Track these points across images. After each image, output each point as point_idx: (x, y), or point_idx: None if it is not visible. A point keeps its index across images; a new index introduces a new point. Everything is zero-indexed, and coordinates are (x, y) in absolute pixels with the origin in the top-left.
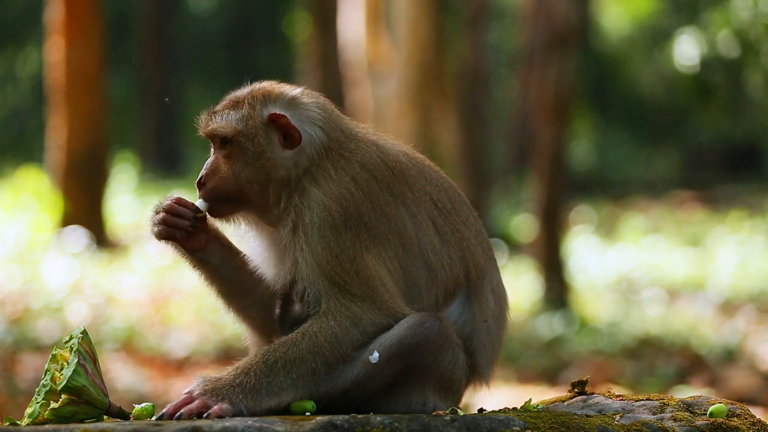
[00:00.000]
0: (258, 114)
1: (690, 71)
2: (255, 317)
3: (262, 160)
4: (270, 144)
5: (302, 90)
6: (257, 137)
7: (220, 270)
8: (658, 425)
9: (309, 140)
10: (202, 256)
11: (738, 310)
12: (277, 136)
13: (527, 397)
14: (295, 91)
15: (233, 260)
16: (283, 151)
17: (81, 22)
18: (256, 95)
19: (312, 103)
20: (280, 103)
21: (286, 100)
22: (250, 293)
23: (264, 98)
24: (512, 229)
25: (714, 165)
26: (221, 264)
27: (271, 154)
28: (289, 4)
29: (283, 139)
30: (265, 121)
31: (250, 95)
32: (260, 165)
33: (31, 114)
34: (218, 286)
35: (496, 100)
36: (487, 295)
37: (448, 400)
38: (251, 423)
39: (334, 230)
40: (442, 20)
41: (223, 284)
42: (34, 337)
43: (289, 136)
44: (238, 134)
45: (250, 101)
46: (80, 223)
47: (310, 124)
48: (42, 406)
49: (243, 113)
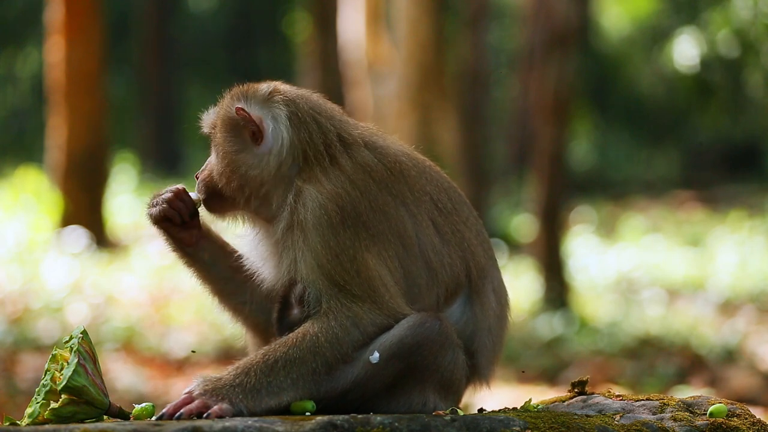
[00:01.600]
0: (229, 109)
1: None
2: (249, 317)
3: (231, 156)
4: (240, 140)
5: (289, 88)
6: (228, 133)
7: (212, 268)
8: (658, 425)
9: (275, 137)
10: (193, 252)
11: (738, 310)
12: (247, 132)
13: (527, 397)
14: (275, 88)
15: (226, 259)
16: (255, 148)
17: (81, 22)
18: (236, 92)
19: (286, 101)
20: (254, 99)
21: (260, 96)
22: (244, 293)
23: (241, 95)
24: (512, 229)
25: (714, 165)
26: (212, 261)
27: (242, 151)
28: (289, 4)
29: (251, 136)
30: (233, 115)
31: (231, 92)
32: (230, 160)
33: (31, 114)
34: (211, 285)
35: (496, 100)
36: (489, 295)
37: (449, 400)
38: (251, 423)
39: (332, 229)
40: (442, 20)
41: (215, 283)
42: (34, 337)
43: (255, 132)
44: (215, 130)
45: (228, 97)
46: (80, 223)
47: (275, 121)
48: (42, 406)
49: (220, 109)
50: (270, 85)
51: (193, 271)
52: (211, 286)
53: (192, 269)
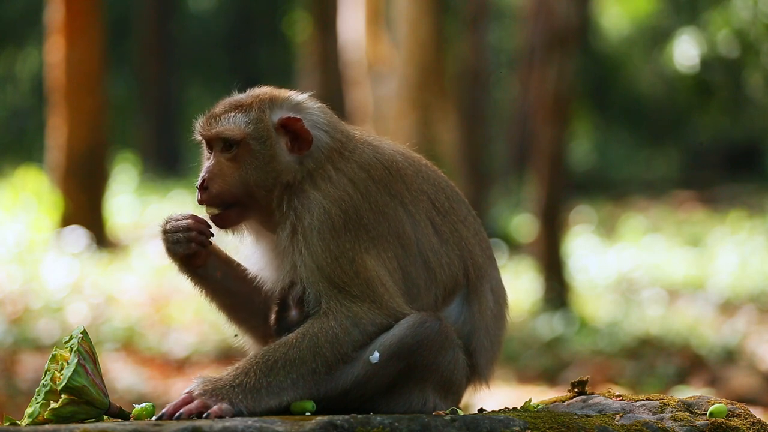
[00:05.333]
0: (268, 117)
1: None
2: (257, 327)
3: (273, 164)
4: (279, 147)
5: (307, 95)
6: (269, 140)
7: (220, 284)
8: (658, 425)
9: (316, 144)
10: (203, 272)
11: (738, 310)
12: (284, 139)
13: (527, 397)
14: (300, 96)
15: (232, 272)
16: (290, 154)
17: (81, 22)
18: (263, 99)
19: (317, 108)
20: (287, 107)
21: (292, 104)
22: (250, 303)
23: (271, 102)
24: (512, 229)
25: (714, 165)
26: (221, 277)
27: (281, 158)
28: (289, 4)
29: (291, 143)
30: (275, 124)
31: (257, 99)
32: (271, 168)
33: (31, 114)
34: (219, 300)
35: (496, 100)
36: (487, 294)
37: (448, 400)
38: (251, 423)
39: (333, 233)
40: (442, 20)
41: (224, 297)
42: (34, 337)
43: (299, 139)
44: (247, 137)
45: (258, 105)
46: (80, 223)
47: (316, 128)
48: (42, 406)
49: (252, 116)
50: (291, 92)
51: (202, 289)
52: (219, 301)
53: (200, 287)
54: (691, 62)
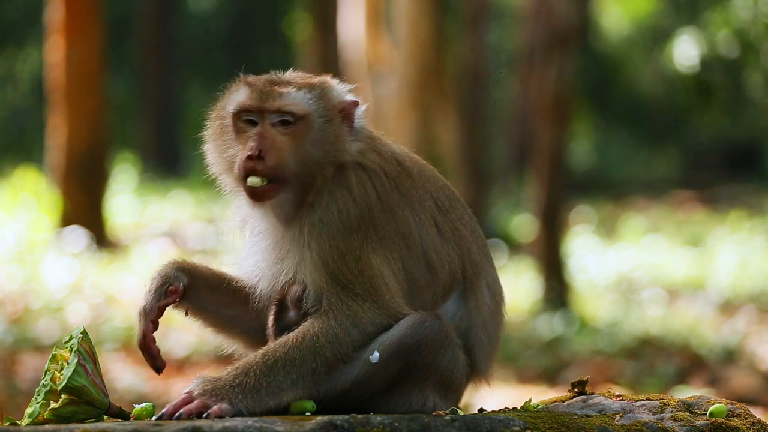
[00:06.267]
0: (335, 98)
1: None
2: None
3: (336, 144)
4: (341, 129)
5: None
6: (334, 120)
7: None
8: (658, 425)
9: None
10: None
11: (738, 310)
12: (348, 119)
13: (527, 397)
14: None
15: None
16: (349, 137)
17: (81, 22)
18: (324, 80)
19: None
20: (343, 92)
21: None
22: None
23: (331, 84)
24: (512, 229)
25: (714, 165)
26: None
27: (342, 138)
28: (289, 4)
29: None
30: (339, 106)
31: (319, 80)
32: (332, 147)
33: (31, 114)
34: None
35: (496, 100)
36: (483, 291)
37: (448, 400)
38: (251, 423)
39: (345, 230)
40: (442, 20)
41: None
42: (34, 337)
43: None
44: (312, 114)
45: (320, 84)
46: (80, 223)
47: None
48: (42, 406)
49: (318, 94)
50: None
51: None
52: (209, 323)
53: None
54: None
